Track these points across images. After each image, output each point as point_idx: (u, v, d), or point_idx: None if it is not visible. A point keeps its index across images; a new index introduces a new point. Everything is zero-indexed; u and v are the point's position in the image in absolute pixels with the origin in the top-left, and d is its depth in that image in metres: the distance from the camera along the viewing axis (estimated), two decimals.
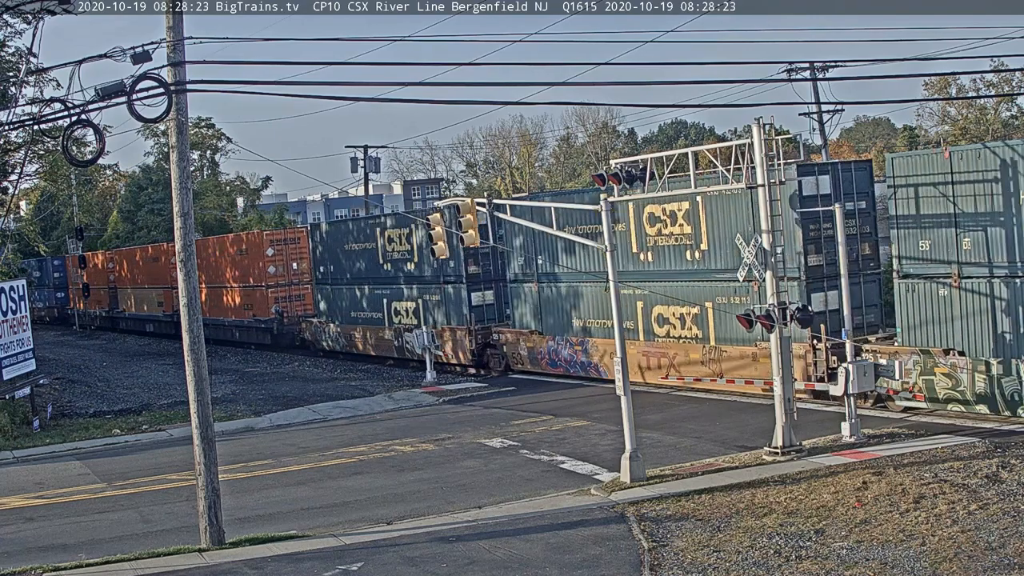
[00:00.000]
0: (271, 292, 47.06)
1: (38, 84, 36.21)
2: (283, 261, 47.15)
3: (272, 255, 47.04)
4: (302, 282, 46.99)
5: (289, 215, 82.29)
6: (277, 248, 47.25)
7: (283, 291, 47.21)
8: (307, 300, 46.97)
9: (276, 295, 47.05)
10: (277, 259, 47.24)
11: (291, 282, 47.15)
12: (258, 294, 47.89)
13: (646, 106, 58.26)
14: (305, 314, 46.55)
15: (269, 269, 46.98)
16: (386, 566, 14.60)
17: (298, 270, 46.75)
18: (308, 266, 46.39)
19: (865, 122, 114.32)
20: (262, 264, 47.35)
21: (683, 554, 14.16)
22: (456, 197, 51.37)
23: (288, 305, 46.91)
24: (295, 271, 46.85)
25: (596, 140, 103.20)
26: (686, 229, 27.06)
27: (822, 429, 21.05)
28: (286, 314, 46.57)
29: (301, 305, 47.05)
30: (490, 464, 21.00)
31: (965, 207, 21.15)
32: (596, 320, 30.20)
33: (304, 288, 47.01)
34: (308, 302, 46.87)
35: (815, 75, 47.10)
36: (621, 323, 19.14)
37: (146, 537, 17.20)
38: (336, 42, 52.61)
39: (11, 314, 29.28)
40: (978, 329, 21.03)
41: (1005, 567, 12.62)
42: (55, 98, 16.55)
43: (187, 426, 19.29)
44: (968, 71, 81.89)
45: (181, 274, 16.37)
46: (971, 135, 67.62)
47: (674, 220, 27.35)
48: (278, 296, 47.08)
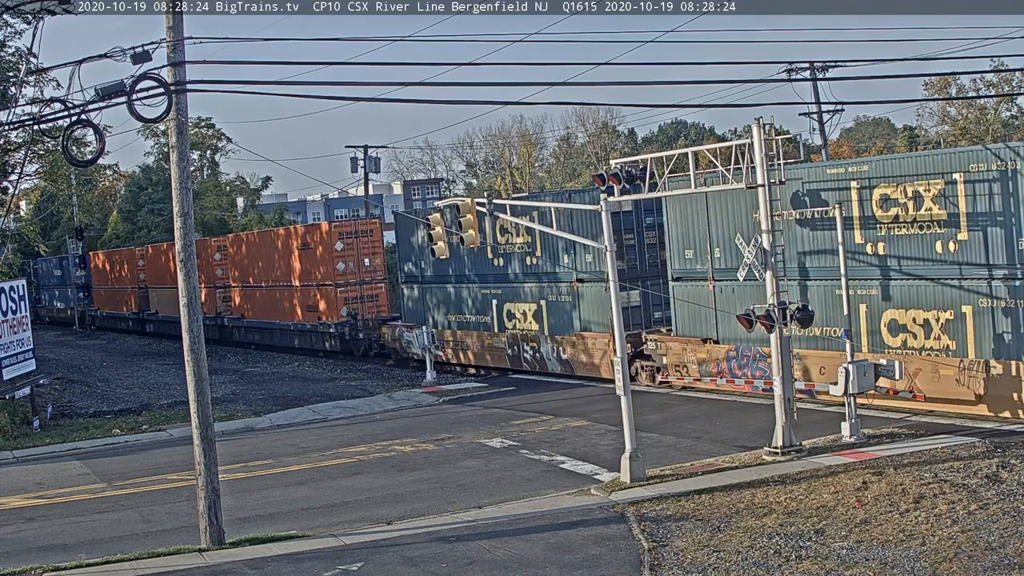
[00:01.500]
0: (340, 292, 41.72)
1: (38, 84, 36.27)
2: (354, 256, 41.83)
3: (341, 250, 41.70)
4: (375, 280, 42.17)
5: (289, 215, 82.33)
6: (347, 242, 41.87)
7: (353, 290, 41.86)
8: (381, 301, 42.25)
9: (346, 295, 41.74)
10: (347, 254, 41.93)
11: (362, 280, 41.94)
12: (324, 294, 42.74)
13: (646, 106, 58.36)
14: (382, 317, 41.60)
15: (338, 266, 41.61)
16: (386, 566, 14.60)
17: (371, 267, 41.47)
18: (382, 262, 42.04)
19: (865, 122, 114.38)
20: (330, 260, 42.06)
21: (683, 554, 14.16)
22: (456, 197, 50.51)
23: (359, 306, 41.45)
24: (367, 268, 41.60)
25: (596, 140, 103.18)
26: (937, 213, 21.58)
27: (822, 429, 21.05)
28: (360, 317, 41.24)
29: (374, 307, 41.93)
30: (490, 464, 21.00)
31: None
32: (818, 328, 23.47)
33: (377, 287, 42.24)
34: (382, 303, 42.27)
35: (815, 75, 47.15)
36: (621, 324, 19.14)
37: (146, 537, 17.20)
38: (336, 42, 52.66)
39: (11, 314, 29.29)
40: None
41: (1005, 567, 12.62)
42: (55, 98, 16.55)
43: (187, 426, 19.30)
44: (968, 71, 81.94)
45: (181, 274, 16.35)
46: (971, 135, 67.62)
47: (919, 203, 21.90)
48: (348, 296, 41.72)
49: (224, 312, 52.16)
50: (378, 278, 42.21)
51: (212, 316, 51.89)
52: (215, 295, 52.26)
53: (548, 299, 31.92)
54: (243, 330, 50.70)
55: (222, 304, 52.24)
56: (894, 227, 22.49)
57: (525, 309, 32.99)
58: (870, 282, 22.90)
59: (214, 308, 52.23)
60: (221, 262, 52.46)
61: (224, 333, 52.02)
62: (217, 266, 52.48)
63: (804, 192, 23.95)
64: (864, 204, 22.86)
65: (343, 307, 41.33)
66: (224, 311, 52.17)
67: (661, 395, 27.28)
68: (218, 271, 52.50)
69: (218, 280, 52.48)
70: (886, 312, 22.70)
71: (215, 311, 52.18)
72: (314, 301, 43.37)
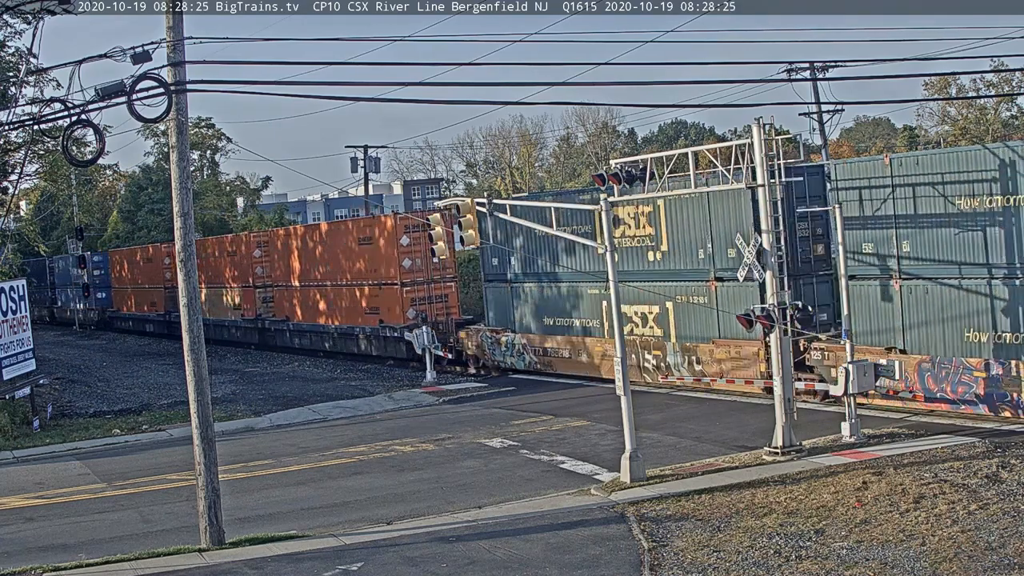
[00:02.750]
0: (407, 292, 37.66)
1: (38, 84, 36.24)
2: (421, 252, 37.43)
3: (407, 245, 37.52)
4: (444, 278, 38.07)
5: (289, 215, 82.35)
6: (414, 236, 37.54)
7: (421, 290, 37.69)
8: (451, 301, 38.12)
9: (412, 295, 37.69)
10: (414, 250, 37.72)
11: (431, 279, 37.81)
12: (387, 294, 38.40)
13: (646, 106, 58.38)
14: (458, 319, 37.52)
15: (403, 263, 37.52)
16: (386, 566, 14.60)
17: (439, 263, 36.61)
18: (452, 258, 37.67)
19: (865, 122, 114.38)
20: (394, 257, 37.78)
21: (683, 554, 14.16)
22: (456, 197, 50.22)
23: (428, 308, 37.44)
24: (436, 265, 37.10)
25: (596, 140, 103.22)
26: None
27: (822, 429, 21.04)
28: (430, 319, 36.87)
29: (443, 308, 37.73)
30: (490, 464, 21.00)
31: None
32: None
33: (447, 286, 38.11)
34: (452, 304, 38.10)
35: (815, 75, 47.19)
36: (621, 324, 19.13)
37: (146, 537, 17.20)
38: (336, 42, 52.64)
39: (11, 314, 29.29)
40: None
41: (1005, 567, 12.62)
42: (55, 98, 16.56)
43: (187, 426, 19.30)
44: (968, 71, 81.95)
45: (181, 274, 16.36)
46: (971, 135, 67.62)
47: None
48: (415, 297, 37.62)
49: (265, 314, 48.09)
50: (448, 276, 38.23)
51: (252, 319, 48.42)
52: (255, 296, 48.35)
53: (677, 300, 27.69)
54: (288, 333, 46.40)
55: (263, 305, 48.17)
56: None
57: (645, 312, 28.72)
58: None
59: (254, 310, 48.29)
60: (262, 259, 48.35)
61: (265, 337, 48.33)
62: (257, 263, 48.39)
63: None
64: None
65: (409, 308, 37.40)
66: (265, 313, 48.14)
67: (661, 395, 27.28)
68: (258, 269, 48.39)
69: (258, 279, 48.40)
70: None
71: (255, 313, 48.20)
72: (375, 302, 39.27)
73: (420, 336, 34.15)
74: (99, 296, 68.62)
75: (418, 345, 34.48)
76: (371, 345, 40.09)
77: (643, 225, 28.55)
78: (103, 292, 68.44)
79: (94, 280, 68.73)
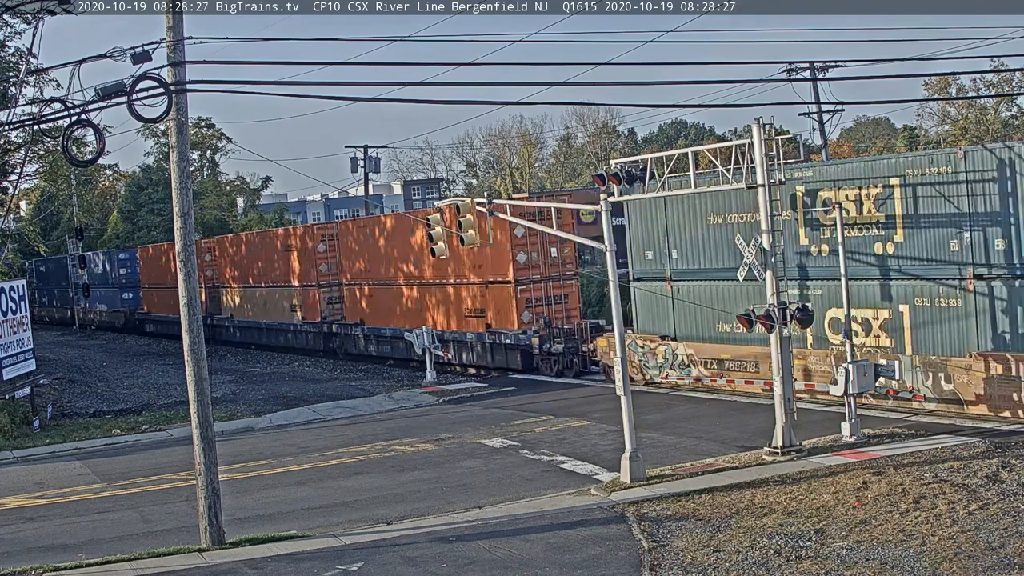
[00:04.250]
0: (521, 292, 32.72)
1: (38, 84, 36.27)
2: (537, 246, 32.70)
3: (522, 236, 32.37)
4: (564, 276, 33.49)
5: (289, 215, 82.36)
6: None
7: (537, 289, 32.79)
8: (572, 303, 33.44)
9: (527, 296, 32.75)
10: (529, 243, 32.53)
11: (548, 276, 32.93)
12: (496, 294, 33.35)
13: (646, 106, 58.24)
14: (591, 324, 31.87)
15: (518, 257, 32.48)
16: (386, 566, 14.60)
17: (558, 258, 32.81)
18: (572, 252, 33.63)
19: (865, 122, 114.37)
20: (505, 250, 32.52)
21: (683, 554, 14.16)
22: (456, 197, 49.86)
23: (546, 310, 32.85)
24: (555, 259, 32.98)
25: (596, 140, 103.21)
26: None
27: (822, 429, 21.04)
28: (552, 323, 32.12)
29: (563, 309, 33.13)
30: (490, 464, 21.00)
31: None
32: None
33: (568, 285, 33.41)
34: (573, 305, 33.48)
35: (815, 75, 47.18)
36: (621, 323, 19.12)
37: (146, 537, 17.19)
38: (336, 42, 52.51)
39: (11, 314, 29.30)
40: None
41: (1005, 567, 12.61)
42: (55, 98, 16.56)
43: (187, 426, 19.29)
44: (968, 71, 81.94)
45: (181, 274, 16.36)
46: (971, 135, 67.62)
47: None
48: (530, 297, 32.65)
49: (331, 316, 43.48)
50: (568, 273, 33.62)
51: (316, 322, 44.03)
52: (318, 296, 43.85)
53: (916, 303, 22.65)
54: (360, 338, 41.64)
55: (328, 307, 43.76)
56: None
57: (868, 316, 23.64)
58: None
59: (317, 312, 43.69)
60: (326, 255, 43.71)
61: (331, 341, 43.90)
62: (322, 260, 43.63)
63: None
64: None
65: (524, 312, 32.32)
66: (331, 315, 43.56)
67: (661, 395, 27.27)
68: (322, 266, 43.65)
69: (322, 277, 43.83)
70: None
71: (320, 316, 43.57)
72: (479, 303, 34.09)
73: (420, 336, 34.16)
74: (125, 296, 63.20)
75: (418, 345, 34.48)
76: (474, 354, 34.80)
77: (868, 210, 23.47)
78: (130, 292, 63.01)
79: (119, 280, 63.53)
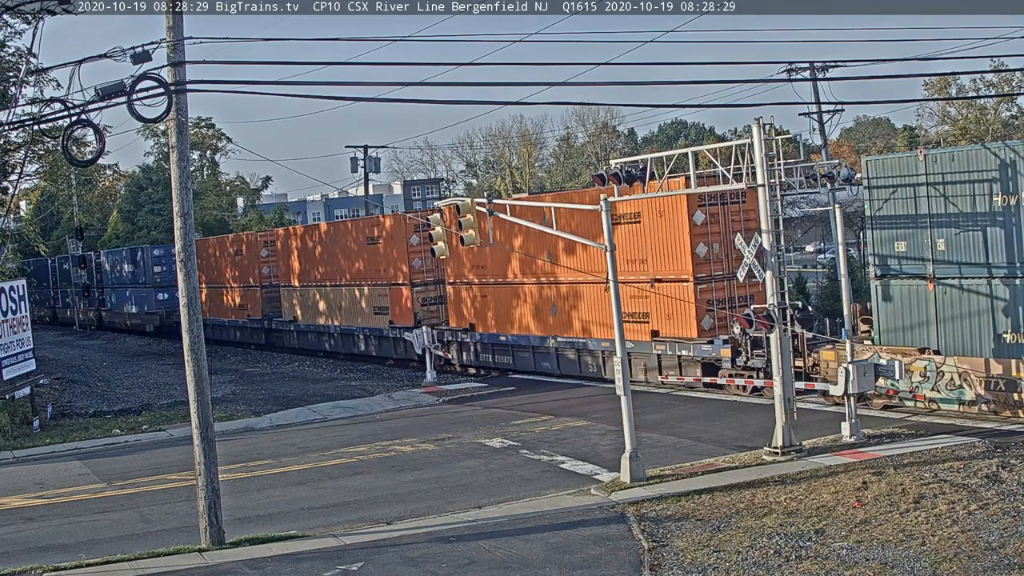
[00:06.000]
0: (701, 290, 27.45)
1: (38, 84, 36.23)
2: (719, 235, 27.56)
3: (701, 224, 27.52)
4: (750, 272, 24.12)
5: (289, 215, 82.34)
6: (710, 211, 27.58)
7: (719, 288, 27.47)
8: (755, 302, 24.83)
9: (708, 295, 27.46)
10: (711, 231, 27.55)
11: (730, 273, 26.87)
12: (676, 293, 27.73)
13: (646, 106, 58.35)
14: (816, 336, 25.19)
15: (697, 249, 27.35)
16: (386, 566, 14.60)
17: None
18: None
19: (865, 122, 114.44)
20: (682, 241, 27.47)
21: (683, 554, 14.16)
22: (456, 197, 49.65)
23: (728, 314, 26.82)
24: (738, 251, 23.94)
25: (596, 140, 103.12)
26: None
27: (822, 429, 21.05)
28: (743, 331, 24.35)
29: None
30: (490, 464, 21.00)
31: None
32: None
33: (754, 284, 25.11)
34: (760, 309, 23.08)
35: (815, 75, 47.09)
36: (620, 325, 19.12)
37: (146, 537, 17.20)
38: (336, 42, 52.53)
39: (11, 314, 29.30)
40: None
41: (1005, 567, 12.62)
42: (55, 98, 16.57)
43: (187, 426, 19.29)
44: (968, 71, 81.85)
45: (181, 274, 16.36)
46: (971, 135, 67.58)
47: None
48: (710, 298, 27.37)
49: (425, 317, 37.97)
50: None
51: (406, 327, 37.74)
52: (414, 296, 38.25)
53: None
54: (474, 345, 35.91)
55: (422, 309, 38.33)
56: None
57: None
58: None
59: (411, 315, 37.99)
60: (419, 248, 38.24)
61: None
62: (415, 254, 38.39)
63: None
64: None
65: (705, 316, 27.09)
66: (425, 317, 38.06)
67: (661, 395, 27.27)
68: (415, 261, 38.41)
69: (415, 276, 38.40)
70: None
71: (414, 318, 37.84)
72: (640, 305, 28.59)
73: (420, 336, 34.16)
74: (160, 297, 57.46)
75: (418, 345, 34.49)
76: (640, 368, 28.84)
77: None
78: (165, 292, 56.37)
79: (154, 278, 57.88)
